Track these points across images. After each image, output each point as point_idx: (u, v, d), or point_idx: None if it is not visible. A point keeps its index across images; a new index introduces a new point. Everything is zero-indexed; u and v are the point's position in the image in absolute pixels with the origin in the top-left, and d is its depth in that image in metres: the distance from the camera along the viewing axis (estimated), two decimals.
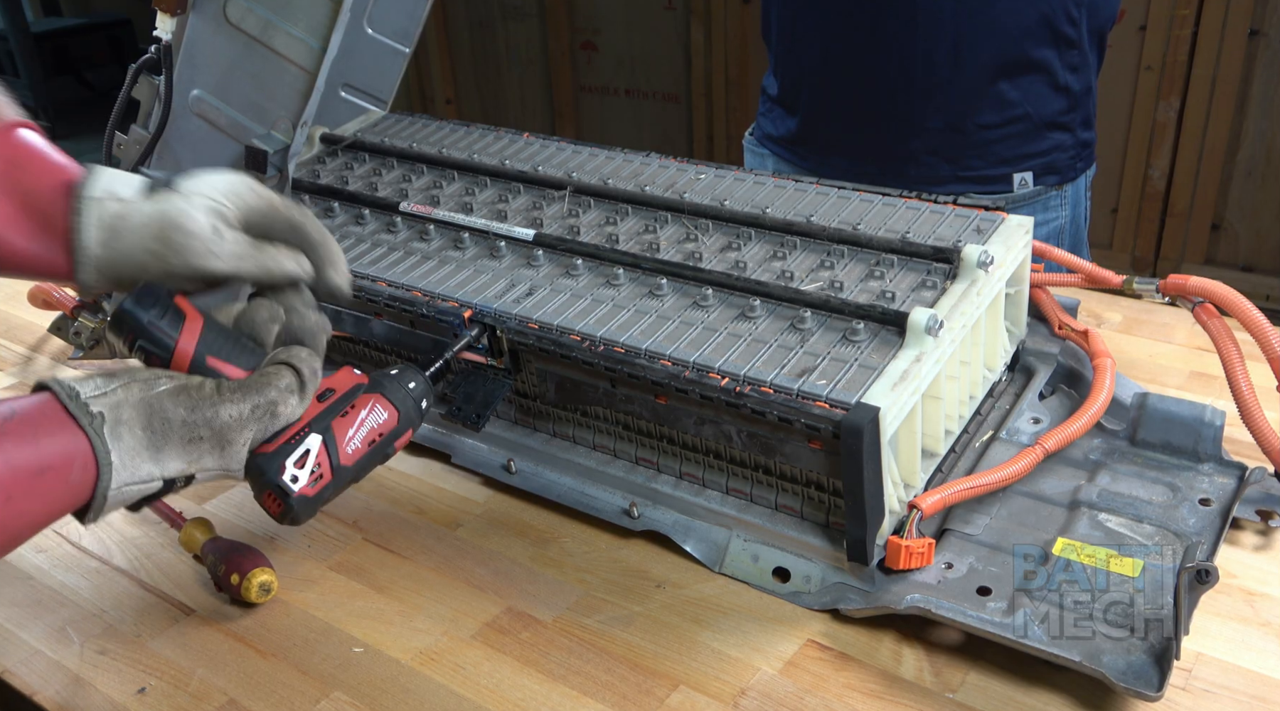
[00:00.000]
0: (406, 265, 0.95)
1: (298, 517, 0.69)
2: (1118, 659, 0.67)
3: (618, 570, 0.84)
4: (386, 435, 0.72)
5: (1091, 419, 0.85)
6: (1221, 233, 2.81)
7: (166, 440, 0.65)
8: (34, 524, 0.63)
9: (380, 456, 0.72)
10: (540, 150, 1.09)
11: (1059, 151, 1.30)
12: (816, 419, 0.72)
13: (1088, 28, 1.24)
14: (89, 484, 0.63)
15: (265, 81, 0.97)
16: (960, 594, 0.74)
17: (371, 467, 0.72)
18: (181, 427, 0.65)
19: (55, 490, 0.63)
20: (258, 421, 0.67)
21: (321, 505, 0.70)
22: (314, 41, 0.96)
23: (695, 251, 0.89)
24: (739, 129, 3.42)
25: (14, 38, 5.42)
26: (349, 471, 0.70)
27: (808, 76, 1.34)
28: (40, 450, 0.62)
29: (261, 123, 0.98)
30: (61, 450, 0.63)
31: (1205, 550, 0.76)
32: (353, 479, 0.71)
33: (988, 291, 0.84)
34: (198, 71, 0.97)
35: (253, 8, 0.94)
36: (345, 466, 0.70)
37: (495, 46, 4.01)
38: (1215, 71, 2.64)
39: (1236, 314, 0.83)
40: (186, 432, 0.65)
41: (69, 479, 0.63)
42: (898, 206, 0.91)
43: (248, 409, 0.67)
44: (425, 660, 0.76)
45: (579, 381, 0.85)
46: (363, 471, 0.72)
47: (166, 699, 0.74)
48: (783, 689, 0.72)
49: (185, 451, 0.65)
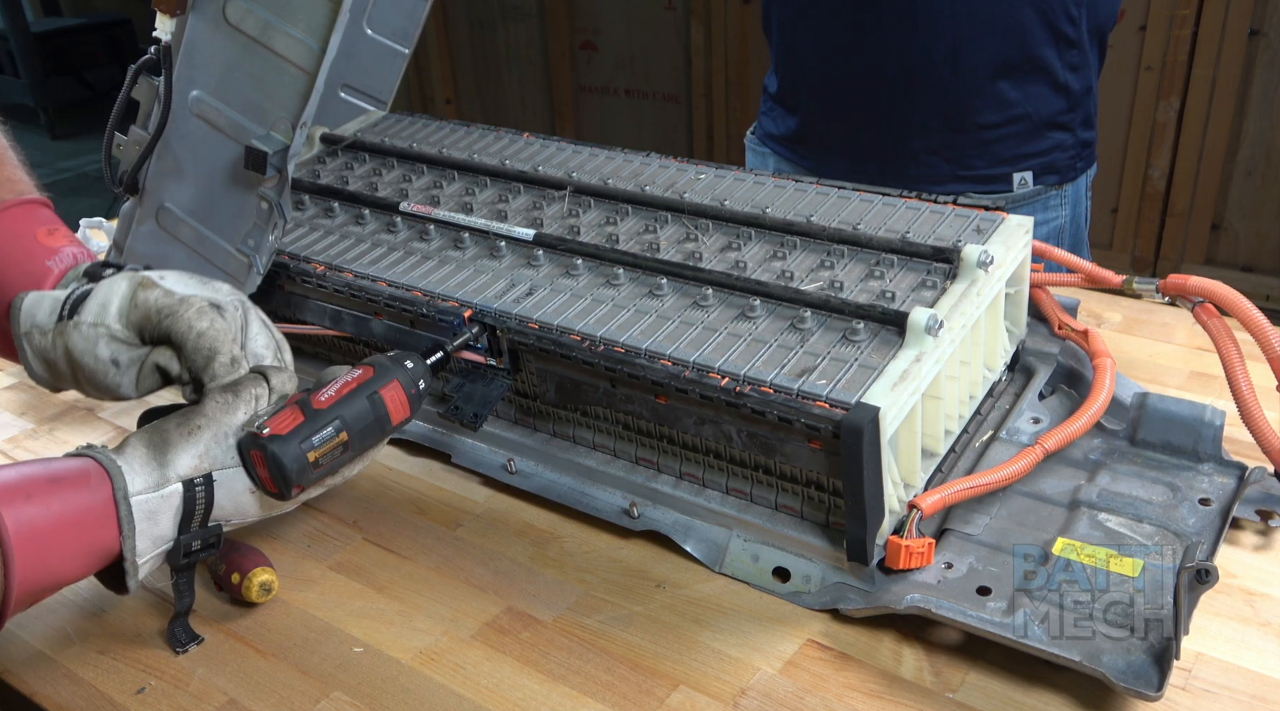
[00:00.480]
0: (406, 265, 0.95)
1: (282, 465, 0.70)
2: (1118, 659, 0.67)
3: (618, 570, 0.84)
4: (364, 383, 0.73)
5: (1091, 419, 0.85)
6: (1221, 233, 2.81)
7: (168, 442, 0.71)
8: (65, 535, 0.67)
9: (369, 408, 0.73)
10: (540, 150, 1.09)
11: (1059, 151, 1.30)
12: (816, 419, 0.72)
13: (1088, 27, 1.24)
14: (107, 493, 0.68)
15: (265, 82, 0.97)
16: (960, 594, 0.74)
17: (364, 420, 0.73)
18: (177, 427, 0.72)
19: (71, 496, 0.67)
20: (245, 405, 0.73)
21: (312, 455, 0.71)
22: (313, 42, 0.95)
23: (695, 251, 0.89)
24: (739, 129, 3.43)
25: (14, 38, 5.43)
26: (325, 414, 0.71)
27: (808, 75, 1.34)
28: (51, 467, 0.69)
29: (261, 123, 0.98)
30: (76, 467, 0.69)
31: (1205, 550, 0.76)
32: (340, 428, 0.72)
33: (988, 291, 0.84)
34: (197, 72, 0.97)
35: (252, 9, 0.94)
36: (320, 410, 0.71)
37: (495, 46, 4.01)
38: (1215, 71, 2.64)
39: (1236, 314, 0.83)
40: (184, 428, 0.72)
41: (86, 486, 0.68)
42: (898, 206, 0.91)
43: (230, 395, 0.73)
44: (425, 660, 0.76)
45: (579, 381, 0.85)
46: (354, 423, 0.72)
47: (166, 699, 0.74)
48: (783, 689, 0.72)
49: (188, 444, 0.71)
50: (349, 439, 0.73)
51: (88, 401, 1.11)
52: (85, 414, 1.09)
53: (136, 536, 0.69)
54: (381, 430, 0.75)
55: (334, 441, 0.72)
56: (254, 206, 0.97)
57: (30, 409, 1.11)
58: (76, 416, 1.08)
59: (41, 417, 1.09)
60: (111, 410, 1.08)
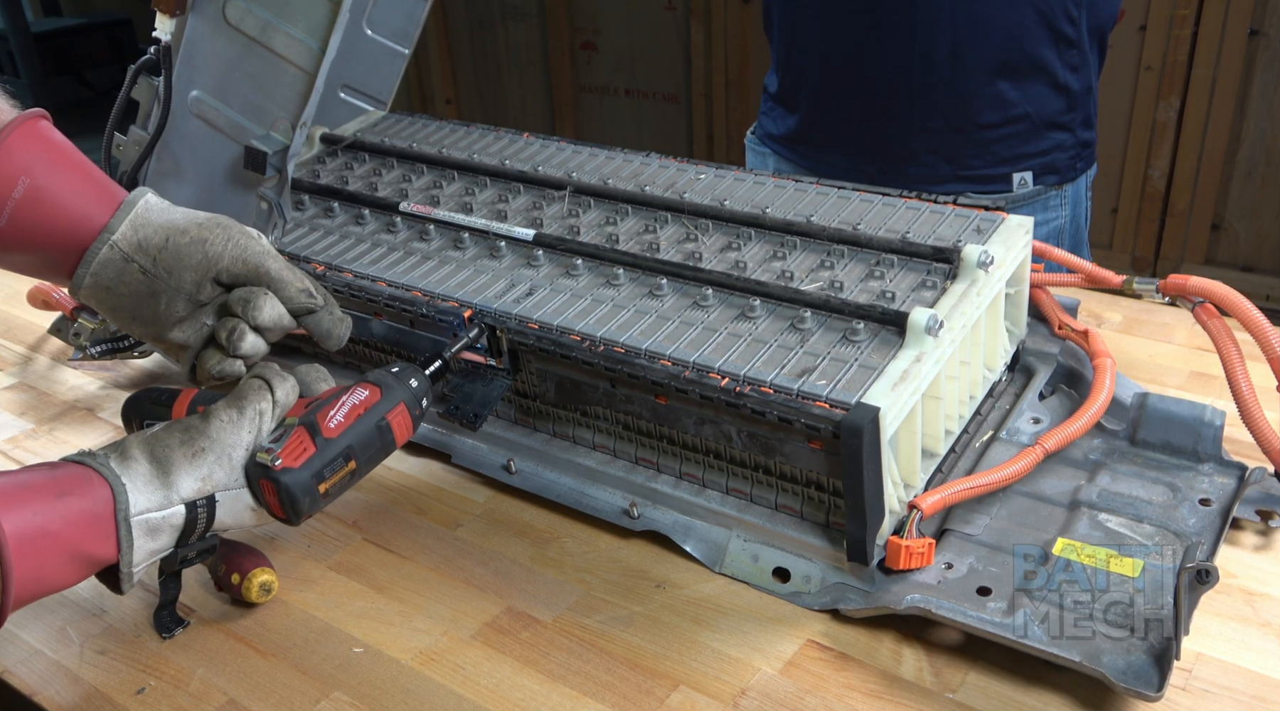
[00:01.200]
0: (406, 265, 0.95)
1: (295, 498, 0.70)
2: (1118, 659, 0.67)
3: (618, 570, 0.84)
4: (371, 408, 0.72)
5: (1091, 419, 0.85)
6: (1221, 233, 2.81)
7: (171, 462, 0.70)
8: (64, 546, 0.66)
9: (377, 435, 0.73)
10: (540, 150, 1.09)
11: (1059, 151, 1.30)
12: (816, 419, 0.72)
13: (1087, 27, 1.24)
14: (108, 508, 0.67)
15: (264, 82, 0.97)
16: (960, 594, 0.74)
17: (372, 447, 0.73)
18: (181, 446, 0.70)
19: (73, 508, 0.66)
20: (249, 423, 0.72)
21: (323, 487, 0.71)
22: (313, 43, 0.96)
23: (695, 251, 0.89)
24: (739, 129, 3.42)
25: (14, 38, 5.43)
26: (336, 444, 0.71)
27: (808, 75, 1.34)
28: (57, 476, 0.68)
29: (261, 123, 0.98)
30: (78, 476, 0.68)
31: (1205, 550, 0.76)
32: (349, 457, 0.71)
33: (988, 291, 0.84)
34: (197, 72, 0.97)
35: (252, 9, 0.94)
36: (330, 439, 0.71)
37: (495, 46, 4.01)
38: (1215, 71, 2.64)
39: (1236, 314, 0.83)
40: (188, 449, 0.70)
41: (88, 499, 0.67)
42: (898, 206, 0.91)
43: (235, 413, 0.71)
44: (425, 660, 0.76)
45: (579, 381, 0.85)
46: (361, 450, 0.72)
47: (166, 699, 0.74)
48: (783, 689, 0.72)
49: (192, 467, 0.70)
50: (357, 466, 0.73)
51: (88, 401, 1.11)
52: (85, 414, 1.09)
53: (135, 551, 0.68)
54: (385, 453, 0.75)
55: (344, 471, 0.72)
56: (253, 206, 0.98)
57: (30, 409, 1.11)
58: (76, 416, 1.08)
59: (41, 417, 1.09)
60: (111, 410, 1.08)
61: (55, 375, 1.16)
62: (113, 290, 0.76)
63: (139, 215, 0.75)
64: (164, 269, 0.75)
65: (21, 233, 0.74)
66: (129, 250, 0.75)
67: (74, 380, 1.15)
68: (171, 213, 0.77)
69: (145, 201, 0.76)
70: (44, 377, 1.17)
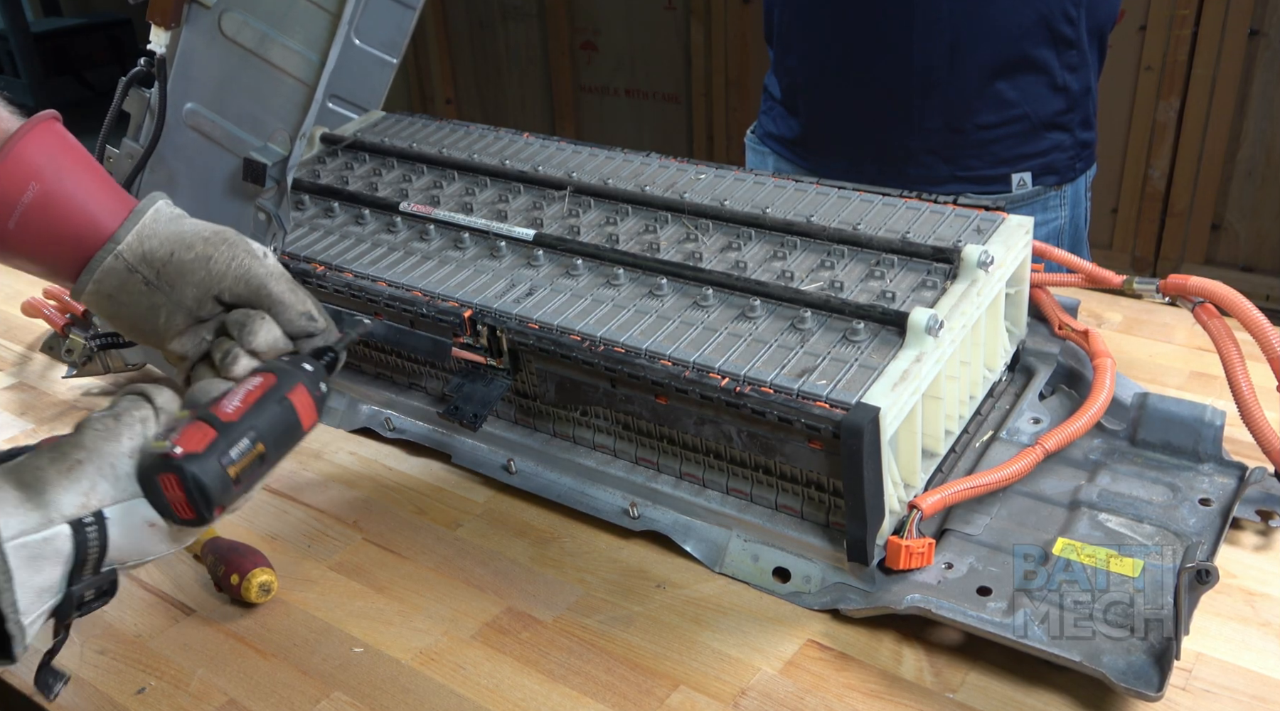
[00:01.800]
0: (406, 265, 0.95)
1: (203, 485, 0.62)
2: (1118, 659, 0.67)
3: (618, 570, 0.84)
4: (268, 390, 0.67)
5: (1091, 419, 0.85)
6: (1221, 233, 2.81)
7: (44, 482, 0.60)
8: None
9: (281, 414, 0.67)
10: (540, 150, 1.09)
11: (1058, 152, 1.30)
12: (816, 419, 0.72)
13: (1086, 27, 1.24)
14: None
15: (262, 94, 0.97)
16: (960, 594, 0.74)
17: (278, 428, 0.67)
18: (53, 464, 0.61)
19: None
20: (128, 429, 0.64)
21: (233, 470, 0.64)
22: (312, 54, 0.95)
23: (695, 251, 0.89)
24: (739, 129, 3.42)
25: (14, 38, 5.43)
26: (238, 425, 0.65)
27: (807, 77, 1.34)
28: None
29: (258, 135, 0.97)
30: None
31: (1205, 550, 0.76)
32: (256, 439, 0.65)
33: (988, 291, 0.84)
34: (192, 84, 0.97)
35: (249, 21, 0.94)
36: (231, 422, 0.65)
37: (495, 46, 4.01)
38: (1215, 71, 2.64)
39: (1236, 314, 0.83)
40: (61, 465, 0.61)
41: None
42: (898, 206, 0.91)
43: (110, 420, 0.64)
44: (425, 660, 0.76)
45: (579, 381, 0.85)
46: (268, 432, 0.66)
47: (166, 699, 0.74)
48: (783, 689, 0.72)
49: (70, 482, 0.61)
50: (265, 450, 0.66)
51: (87, 401, 1.11)
52: (85, 414, 1.08)
53: (16, 588, 0.56)
54: (293, 437, 0.69)
55: (252, 454, 0.65)
56: (251, 218, 0.97)
57: (30, 409, 1.11)
58: (76, 416, 1.08)
59: (41, 418, 1.09)
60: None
61: (54, 375, 1.16)
62: (114, 299, 0.75)
63: (146, 225, 0.75)
64: (167, 282, 0.74)
65: (30, 236, 0.73)
66: (133, 261, 0.74)
67: (73, 380, 1.15)
68: (180, 224, 0.75)
69: (155, 210, 0.75)
70: (43, 377, 1.17)
